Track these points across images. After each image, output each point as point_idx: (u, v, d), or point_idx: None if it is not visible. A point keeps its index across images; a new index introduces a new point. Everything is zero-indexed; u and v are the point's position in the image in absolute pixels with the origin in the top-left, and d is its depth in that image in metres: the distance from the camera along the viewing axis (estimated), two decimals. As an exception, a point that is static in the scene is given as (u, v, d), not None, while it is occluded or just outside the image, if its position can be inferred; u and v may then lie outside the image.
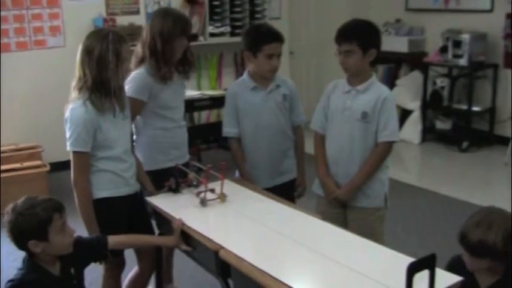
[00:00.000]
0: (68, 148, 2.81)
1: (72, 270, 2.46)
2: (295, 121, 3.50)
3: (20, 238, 2.28)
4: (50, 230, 2.27)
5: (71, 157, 2.82)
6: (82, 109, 2.77)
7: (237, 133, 3.43)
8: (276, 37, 3.30)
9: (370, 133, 3.12)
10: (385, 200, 3.23)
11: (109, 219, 2.87)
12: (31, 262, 2.32)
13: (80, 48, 2.83)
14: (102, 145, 2.85)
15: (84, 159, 2.82)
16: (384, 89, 3.19)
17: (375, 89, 3.14)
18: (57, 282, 2.37)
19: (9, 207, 2.30)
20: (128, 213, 2.99)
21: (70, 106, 2.82)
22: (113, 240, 2.63)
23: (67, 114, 2.81)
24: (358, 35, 3.06)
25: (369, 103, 3.09)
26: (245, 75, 3.44)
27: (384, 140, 3.12)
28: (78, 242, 2.48)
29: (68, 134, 2.80)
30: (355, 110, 3.12)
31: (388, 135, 3.11)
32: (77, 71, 2.83)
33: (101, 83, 2.78)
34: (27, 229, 2.25)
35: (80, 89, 2.80)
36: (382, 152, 3.14)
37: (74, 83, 2.84)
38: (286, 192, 3.37)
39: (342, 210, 3.23)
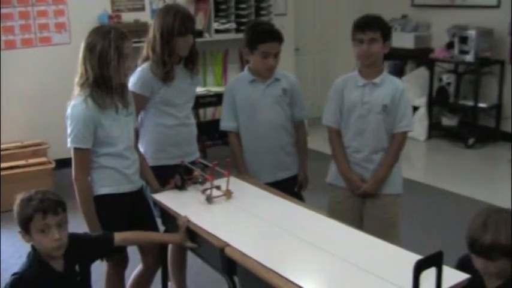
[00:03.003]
0: (69, 144, 2.81)
1: (77, 267, 2.46)
2: (297, 116, 3.50)
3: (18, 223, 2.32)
4: (31, 227, 2.27)
5: (71, 153, 2.83)
6: (83, 106, 2.77)
7: (235, 127, 3.44)
8: (272, 37, 3.30)
9: (388, 124, 3.20)
10: (402, 186, 3.32)
11: (110, 216, 2.87)
12: (34, 256, 2.33)
13: (82, 44, 2.83)
14: (104, 142, 2.84)
15: (85, 156, 2.82)
16: (398, 81, 3.30)
17: (390, 82, 3.23)
18: (59, 278, 2.36)
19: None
20: (131, 210, 2.98)
21: (71, 103, 2.82)
22: (119, 237, 2.63)
23: (68, 110, 2.82)
24: (381, 25, 3.16)
25: (387, 96, 3.17)
26: (245, 70, 3.46)
27: (401, 130, 3.22)
28: (84, 238, 2.47)
29: (68, 130, 2.81)
30: (374, 103, 3.18)
31: (406, 126, 3.22)
32: (79, 68, 2.84)
33: (102, 79, 2.79)
34: (17, 218, 2.29)
35: (82, 86, 2.81)
36: (401, 141, 3.24)
37: (76, 80, 2.84)
38: (287, 188, 3.36)
39: (360, 199, 3.29)
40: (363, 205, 3.30)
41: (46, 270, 2.33)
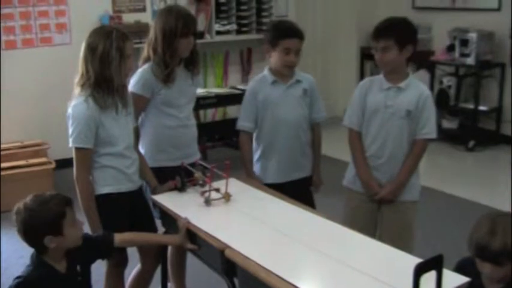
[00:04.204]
0: (70, 144, 2.82)
1: (78, 268, 2.46)
2: (315, 118, 3.50)
3: (35, 235, 2.28)
4: (64, 224, 2.28)
5: (73, 153, 2.83)
6: (84, 106, 2.78)
7: (251, 128, 3.44)
8: (294, 33, 3.32)
9: (411, 130, 3.17)
10: (419, 193, 3.30)
11: (111, 215, 2.88)
12: (38, 259, 2.33)
13: (83, 44, 2.83)
14: (105, 141, 2.85)
15: (86, 156, 2.83)
16: (423, 86, 3.24)
17: (416, 87, 3.19)
18: (62, 279, 2.37)
19: (19, 207, 2.29)
20: (131, 209, 2.99)
21: (72, 103, 2.83)
22: (119, 237, 2.63)
23: (69, 110, 2.83)
24: (395, 32, 3.09)
25: (411, 101, 3.14)
26: (266, 71, 3.45)
27: (423, 137, 3.18)
28: (85, 239, 2.47)
29: (70, 131, 2.81)
30: (398, 107, 3.15)
31: (428, 133, 3.18)
32: (80, 68, 2.84)
33: (103, 80, 2.79)
34: (43, 225, 2.26)
35: (83, 86, 2.82)
36: (422, 148, 3.20)
37: (76, 80, 2.84)
38: (301, 188, 3.39)
39: (376, 204, 3.27)
40: (378, 211, 3.28)
41: (50, 272, 2.33)
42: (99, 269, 2.90)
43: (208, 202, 2.92)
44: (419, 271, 1.81)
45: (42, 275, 2.31)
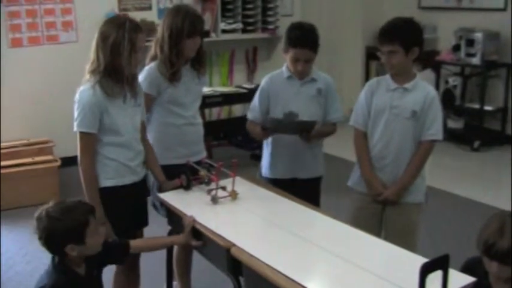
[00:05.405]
0: (75, 128, 2.85)
1: (95, 272, 2.47)
2: (331, 118, 3.49)
3: (56, 243, 2.27)
4: (86, 233, 2.28)
5: (77, 138, 2.86)
6: (90, 92, 2.80)
7: (260, 120, 3.45)
8: (302, 44, 3.28)
9: (417, 131, 3.15)
10: (425, 196, 3.29)
11: (114, 208, 2.89)
12: (61, 265, 2.32)
13: (97, 32, 2.85)
14: (109, 129, 2.87)
15: (90, 140, 2.85)
16: (430, 87, 3.22)
17: (422, 88, 3.17)
18: (83, 283, 2.37)
19: (41, 213, 2.28)
20: (134, 200, 3.02)
21: (80, 88, 2.86)
22: (133, 244, 2.65)
23: (76, 95, 2.85)
24: (400, 35, 3.06)
25: (417, 102, 3.12)
26: (284, 67, 3.46)
27: (428, 138, 3.16)
28: (103, 244, 2.47)
29: (75, 115, 2.84)
30: (404, 108, 3.14)
31: (433, 134, 3.15)
32: (91, 54, 2.86)
33: (112, 69, 2.82)
34: (65, 234, 2.25)
35: (92, 72, 2.84)
36: (427, 150, 3.18)
37: (87, 66, 2.87)
38: (308, 188, 3.40)
39: (381, 205, 3.26)
40: (383, 211, 3.27)
41: (75, 277, 2.34)
42: (105, 274, 2.91)
43: (215, 200, 2.92)
44: (425, 271, 1.81)
45: (67, 281, 2.31)
